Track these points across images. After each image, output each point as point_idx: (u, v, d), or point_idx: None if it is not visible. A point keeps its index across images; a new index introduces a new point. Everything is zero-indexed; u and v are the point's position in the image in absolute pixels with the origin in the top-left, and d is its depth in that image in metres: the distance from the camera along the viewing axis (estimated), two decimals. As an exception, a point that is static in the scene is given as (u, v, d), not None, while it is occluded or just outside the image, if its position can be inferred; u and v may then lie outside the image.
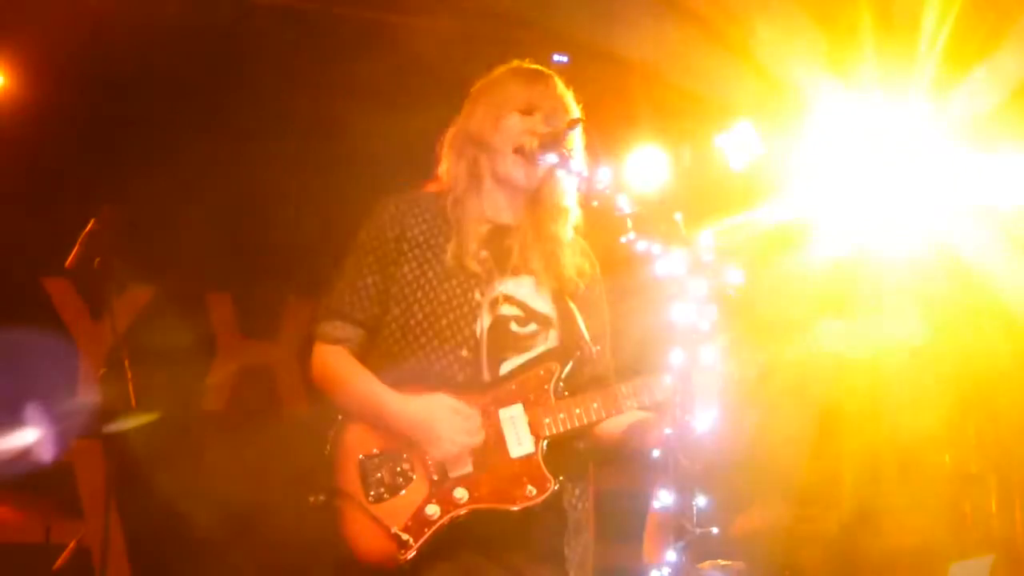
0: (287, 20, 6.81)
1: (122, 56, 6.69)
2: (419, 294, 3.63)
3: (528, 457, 3.52)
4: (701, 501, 3.01)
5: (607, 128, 3.84)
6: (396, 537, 3.43)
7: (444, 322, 3.60)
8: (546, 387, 3.60)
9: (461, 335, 3.60)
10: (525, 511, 3.49)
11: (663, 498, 3.05)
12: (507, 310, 3.67)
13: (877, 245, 6.90)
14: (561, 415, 3.56)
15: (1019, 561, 7.69)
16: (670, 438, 3.06)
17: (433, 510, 3.47)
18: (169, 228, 6.76)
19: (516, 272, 3.71)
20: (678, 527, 3.03)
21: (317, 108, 6.96)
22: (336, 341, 3.67)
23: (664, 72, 7.01)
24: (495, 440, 3.54)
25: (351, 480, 3.51)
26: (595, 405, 3.57)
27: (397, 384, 3.57)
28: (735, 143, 7.50)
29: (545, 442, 3.54)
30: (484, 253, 3.68)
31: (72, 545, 5.47)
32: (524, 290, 3.71)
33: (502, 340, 3.64)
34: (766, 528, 5.37)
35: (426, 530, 3.45)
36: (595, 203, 3.47)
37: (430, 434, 3.49)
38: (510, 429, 3.54)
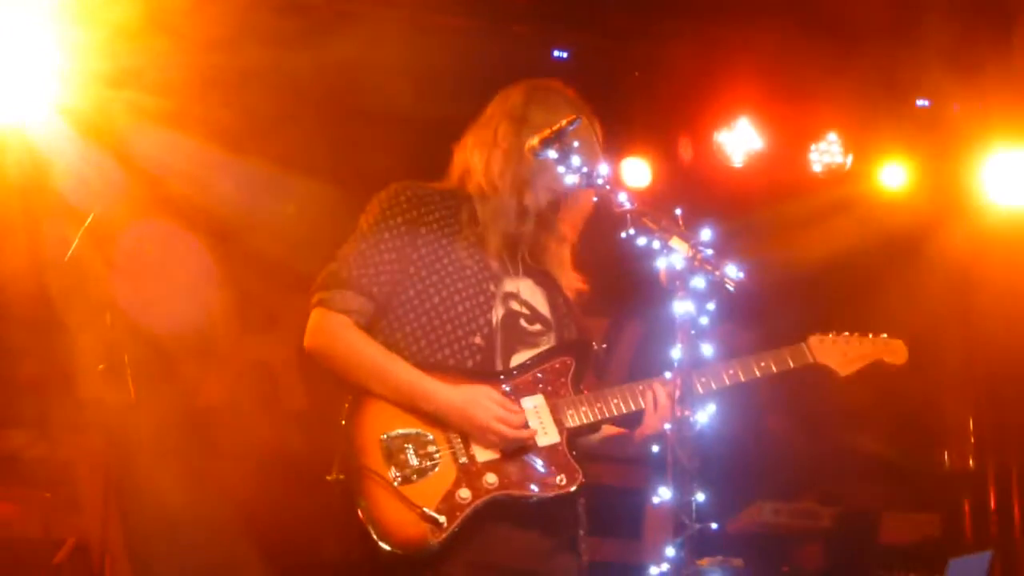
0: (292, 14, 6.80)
1: (119, 49, 6.68)
2: (434, 278, 3.63)
3: (554, 447, 3.54)
4: (700, 497, 3.01)
5: (606, 124, 3.83)
6: (430, 518, 3.40)
7: (460, 308, 3.61)
8: (564, 379, 3.63)
9: (476, 323, 3.61)
10: (547, 502, 3.50)
11: (662, 494, 3.05)
12: (516, 307, 3.70)
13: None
14: (583, 408, 3.59)
15: (1018, 557, 7.70)
16: (669, 434, 3.07)
17: (465, 494, 3.45)
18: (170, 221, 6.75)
19: (522, 274, 3.75)
20: (677, 523, 3.03)
21: (316, 109, 6.95)
22: (346, 311, 3.60)
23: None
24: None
25: (374, 459, 3.46)
26: (615, 401, 3.61)
27: None
28: (735, 139, 7.51)
29: (568, 433, 3.57)
30: (495, 254, 3.73)
31: (71, 541, 5.47)
32: (528, 292, 3.74)
33: (514, 333, 3.67)
34: (765, 525, 5.37)
35: (458, 513, 3.43)
36: (595, 199, 3.47)
37: (474, 422, 3.49)
38: (534, 419, 3.56)
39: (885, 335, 4.02)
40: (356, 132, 6.91)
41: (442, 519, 3.40)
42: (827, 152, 7.66)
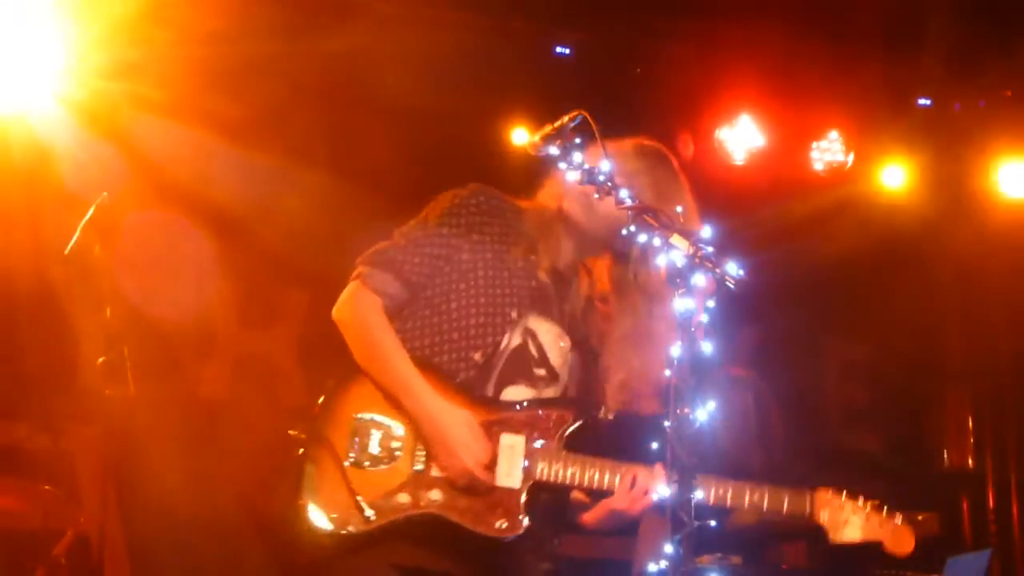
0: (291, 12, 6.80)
1: (121, 42, 6.69)
2: (463, 285, 3.61)
3: (511, 491, 3.50)
4: (698, 494, 3.01)
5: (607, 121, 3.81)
6: (360, 508, 3.40)
7: (473, 321, 3.58)
8: (554, 432, 3.58)
9: (482, 340, 3.58)
10: (481, 540, 3.47)
11: (660, 491, 3.05)
12: (531, 346, 3.67)
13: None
14: (557, 466, 3.53)
15: (1016, 556, 7.70)
16: (668, 431, 3.06)
17: (404, 499, 3.45)
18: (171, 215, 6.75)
19: (552, 319, 3.70)
20: (676, 520, 3.02)
21: (318, 101, 6.95)
22: (381, 294, 3.60)
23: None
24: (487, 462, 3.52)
25: (339, 434, 3.49)
26: (593, 471, 3.54)
27: None
28: (737, 136, 7.51)
29: (533, 484, 3.51)
30: (534, 283, 3.66)
31: (70, 533, 5.47)
32: (548, 336, 3.70)
33: (518, 366, 3.64)
34: (764, 522, 5.36)
35: (390, 515, 3.43)
36: (596, 196, 3.46)
37: (443, 440, 3.46)
38: (505, 456, 3.51)
39: (899, 519, 3.71)
40: (358, 126, 6.91)
41: (370, 513, 3.40)
42: (828, 150, 7.66)
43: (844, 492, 3.65)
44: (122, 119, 6.64)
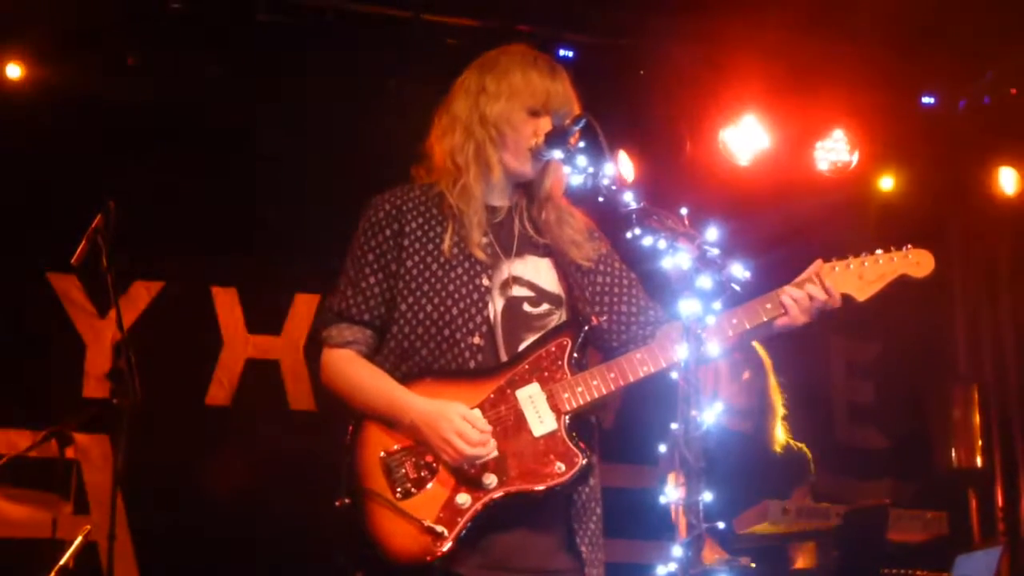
0: (296, 16, 6.82)
1: (132, 49, 6.71)
2: (426, 287, 3.60)
3: (552, 434, 3.49)
4: (707, 496, 3.01)
5: (611, 123, 3.81)
6: (430, 530, 3.40)
7: (455, 311, 3.57)
8: (560, 362, 3.56)
9: (473, 323, 3.57)
10: (547, 495, 3.46)
11: (669, 493, 3.05)
12: (518, 291, 3.65)
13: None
14: (579, 388, 3.53)
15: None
16: (676, 433, 3.06)
17: (464, 499, 3.44)
18: (176, 222, 6.76)
19: (520, 253, 3.68)
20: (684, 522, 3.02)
21: (322, 102, 6.97)
22: (344, 344, 3.63)
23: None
24: (516, 422, 3.50)
25: (375, 479, 3.48)
26: (612, 375, 3.54)
27: (408, 377, 3.55)
28: (741, 136, 7.51)
29: (567, 417, 3.51)
30: (487, 238, 3.66)
31: (79, 541, 5.48)
32: (531, 271, 3.68)
33: (517, 321, 3.62)
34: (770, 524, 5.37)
35: (459, 520, 3.42)
36: (600, 199, 3.45)
37: (439, 437, 3.45)
38: (530, 409, 3.51)
39: (909, 246, 3.65)
40: (357, 129, 6.92)
41: (441, 529, 3.39)
42: (833, 150, 7.66)
43: (849, 256, 3.62)
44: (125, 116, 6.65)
